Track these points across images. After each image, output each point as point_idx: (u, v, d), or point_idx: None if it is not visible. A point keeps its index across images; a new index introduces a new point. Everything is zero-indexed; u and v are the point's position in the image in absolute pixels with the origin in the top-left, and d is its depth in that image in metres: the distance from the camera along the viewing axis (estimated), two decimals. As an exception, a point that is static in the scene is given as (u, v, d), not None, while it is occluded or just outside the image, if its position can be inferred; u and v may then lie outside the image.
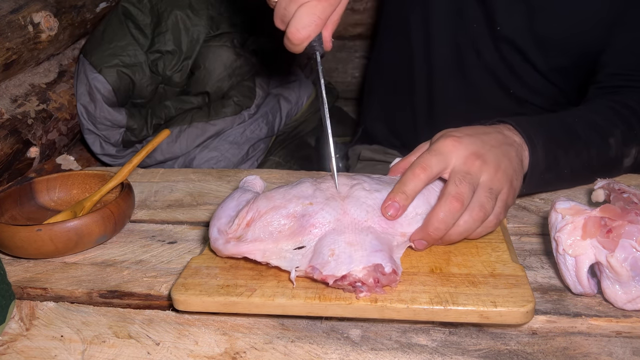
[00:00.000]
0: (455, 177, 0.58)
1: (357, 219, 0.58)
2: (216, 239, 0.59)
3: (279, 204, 0.59)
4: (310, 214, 0.58)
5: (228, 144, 1.31)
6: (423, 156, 0.60)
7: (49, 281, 0.65)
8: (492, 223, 0.59)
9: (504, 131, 0.66)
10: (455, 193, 0.56)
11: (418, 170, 0.58)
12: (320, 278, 0.53)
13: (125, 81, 1.22)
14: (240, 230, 0.58)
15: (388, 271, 0.52)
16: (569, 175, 0.72)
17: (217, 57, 1.30)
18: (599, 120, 0.73)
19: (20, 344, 0.56)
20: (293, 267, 0.55)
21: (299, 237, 0.57)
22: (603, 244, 0.53)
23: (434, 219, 0.56)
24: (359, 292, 0.52)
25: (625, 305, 0.54)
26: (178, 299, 0.55)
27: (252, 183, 0.68)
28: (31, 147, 1.04)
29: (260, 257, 0.56)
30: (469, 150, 0.59)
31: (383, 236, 0.57)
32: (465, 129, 0.64)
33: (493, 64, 0.95)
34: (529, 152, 0.66)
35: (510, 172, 0.61)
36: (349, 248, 0.54)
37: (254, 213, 0.59)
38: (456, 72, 0.98)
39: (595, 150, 0.72)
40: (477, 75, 0.97)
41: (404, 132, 1.11)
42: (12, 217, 0.75)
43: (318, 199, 0.59)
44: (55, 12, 1.09)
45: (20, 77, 1.09)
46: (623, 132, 0.73)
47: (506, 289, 0.53)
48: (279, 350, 0.53)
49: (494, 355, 0.51)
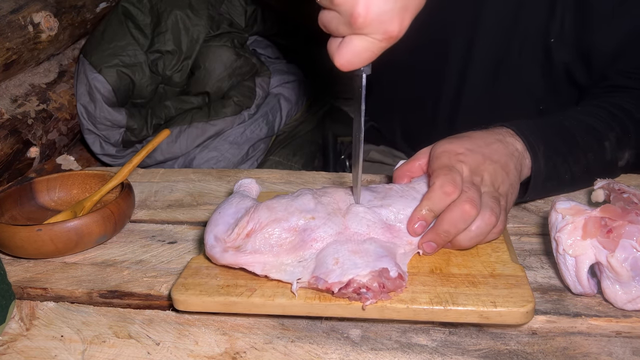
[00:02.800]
0: (464, 185, 0.58)
1: (358, 232, 0.58)
2: (212, 246, 0.58)
3: (280, 217, 0.58)
4: (312, 228, 0.57)
5: (228, 144, 1.31)
6: (448, 176, 0.58)
7: (49, 281, 0.65)
8: (499, 229, 0.59)
9: (506, 138, 0.66)
10: (466, 197, 0.56)
11: (450, 189, 0.57)
12: (325, 287, 0.52)
13: (125, 81, 1.22)
14: (240, 240, 0.58)
15: (394, 275, 0.52)
16: (568, 181, 0.72)
17: (217, 57, 1.30)
18: (595, 123, 0.74)
19: (20, 344, 0.56)
20: (294, 279, 0.54)
21: (300, 252, 0.56)
22: (603, 244, 0.53)
23: (445, 221, 0.56)
24: (365, 299, 0.52)
25: (626, 305, 0.54)
26: (178, 299, 0.55)
27: (247, 187, 0.68)
28: (31, 147, 1.04)
29: (259, 270, 0.56)
30: (469, 166, 0.61)
31: (387, 245, 0.57)
32: (465, 141, 0.64)
33: (532, 78, 0.91)
34: (531, 160, 0.67)
35: (507, 186, 0.62)
36: (353, 256, 0.54)
37: (254, 224, 0.58)
38: (489, 84, 0.94)
39: (592, 155, 0.72)
40: (511, 89, 0.93)
41: (418, 135, 1.07)
42: (12, 217, 0.75)
43: (320, 213, 0.59)
44: (55, 12, 1.09)
45: (20, 77, 1.09)
46: (618, 135, 0.73)
47: (506, 289, 0.53)
48: (279, 350, 0.53)
49: (494, 355, 0.51)
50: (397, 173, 0.67)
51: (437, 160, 0.62)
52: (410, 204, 0.60)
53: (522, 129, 0.68)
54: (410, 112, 1.09)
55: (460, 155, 0.62)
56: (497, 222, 0.58)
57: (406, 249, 0.58)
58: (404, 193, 0.62)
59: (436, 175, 0.59)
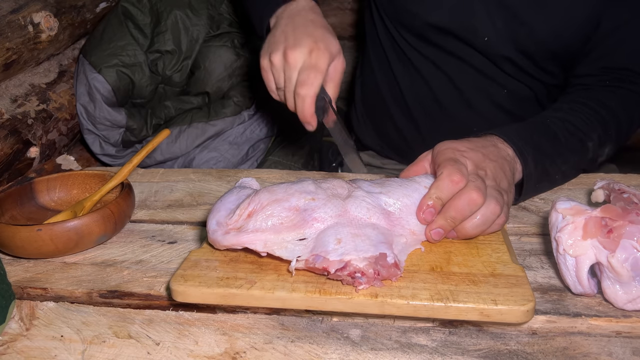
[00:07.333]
0: (469, 176, 0.60)
1: (359, 217, 0.58)
2: (214, 231, 0.58)
3: (281, 197, 0.59)
4: (313, 208, 0.58)
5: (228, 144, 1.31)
6: (455, 166, 0.60)
7: (49, 281, 0.65)
8: (502, 220, 0.60)
9: (497, 144, 0.69)
10: (474, 186, 0.58)
11: (457, 178, 0.59)
12: (322, 266, 0.53)
13: (124, 81, 1.22)
14: (241, 221, 0.58)
15: (391, 262, 0.53)
16: (559, 180, 0.77)
17: (217, 57, 1.30)
18: (579, 124, 0.76)
19: (20, 344, 0.56)
20: (294, 257, 0.54)
21: (300, 230, 0.57)
22: (604, 244, 0.53)
23: (452, 208, 0.58)
24: (358, 283, 0.52)
25: (626, 306, 0.54)
26: (177, 289, 0.55)
27: (248, 184, 0.69)
28: (31, 147, 1.04)
29: (261, 247, 0.56)
30: (473, 161, 0.63)
31: (385, 232, 0.57)
32: (465, 142, 0.67)
33: (488, 79, 0.95)
34: (521, 166, 0.69)
35: (506, 184, 0.64)
36: (355, 238, 0.55)
37: (255, 205, 0.59)
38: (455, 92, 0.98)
39: (577, 156, 0.76)
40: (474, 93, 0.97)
41: (397, 146, 1.11)
42: (12, 217, 0.75)
43: (320, 195, 0.60)
44: (55, 12, 1.09)
45: (20, 77, 1.09)
46: (600, 135, 0.77)
47: (506, 288, 0.53)
48: (279, 350, 0.53)
49: (494, 355, 0.51)
50: (403, 175, 0.68)
51: (441, 155, 0.63)
52: (410, 194, 0.61)
53: (511, 136, 0.71)
54: (387, 125, 1.11)
55: (463, 152, 0.64)
56: (500, 212, 0.59)
57: (408, 239, 0.59)
58: (404, 184, 0.63)
59: (443, 166, 0.60)
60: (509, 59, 0.90)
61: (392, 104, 1.06)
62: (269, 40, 0.76)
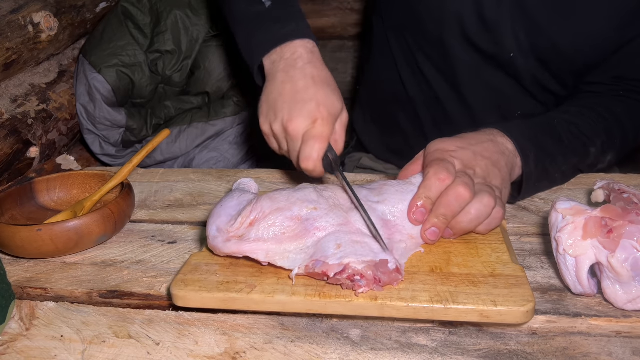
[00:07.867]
0: (457, 174, 0.60)
1: (360, 228, 0.58)
2: (215, 237, 0.58)
3: (283, 206, 0.59)
4: (315, 218, 0.58)
5: (228, 144, 1.31)
6: (441, 165, 0.61)
7: (49, 281, 0.65)
8: (500, 214, 0.60)
9: (497, 138, 0.68)
10: (460, 181, 0.58)
11: (444, 175, 0.59)
12: (322, 270, 0.53)
13: (124, 81, 1.22)
14: (243, 229, 0.58)
15: (392, 268, 0.53)
16: (559, 179, 0.77)
17: (217, 57, 1.30)
18: (585, 129, 0.76)
19: (20, 344, 0.56)
20: (296, 266, 0.55)
21: (303, 240, 0.57)
22: (604, 245, 0.53)
23: (441, 205, 0.58)
24: (358, 287, 0.52)
25: (626, 306, 0.54)
26: (177, 294, 0.55)
27: (246, 186, 0.68)
28: (31, 147, 1.04)
29: (263, 257, 0.56)
30: (461, 161, 0.63)
31: (387, 241, 0.57)
32: (457, 140, 0.66)
33: (501, 89, 0.92)
34: (522, 163, 0.69)
35: (500, 181, 0.64)
36: (355, 244, 0.55)
37: (257, 213, 0.59)
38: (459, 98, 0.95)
39: (577, 159, 0.76)
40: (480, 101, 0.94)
41: (401, 151, 1.09)
42: (12, 217, 0.75)
43: (322, 205, 0.60)
44: (55, 12, 1.09)
45: (20, 77, 1.09)
46: (604, 142, 0.76)
47: (506, 289, 0.53)
48: (279, 350, 0.53)
49: (494, 355, 0.51)
50: (402, 174, 0.68)
51: (429, 156, 0.64)
52: (406, 198, 0.61)
53: (513, 131, 0.70)
54: (390, 129, 1.09)
55: (452, 152, 0.64)
56: (495, 205, 0.59)
57: (408, 244, 0.59)
58: (399, 187, 0.63)
59: (430, 166, 0.61)
60: (532, 74, 0.87)
61: (399, 110, 1.04)
62: (268, 101, 0.71)
